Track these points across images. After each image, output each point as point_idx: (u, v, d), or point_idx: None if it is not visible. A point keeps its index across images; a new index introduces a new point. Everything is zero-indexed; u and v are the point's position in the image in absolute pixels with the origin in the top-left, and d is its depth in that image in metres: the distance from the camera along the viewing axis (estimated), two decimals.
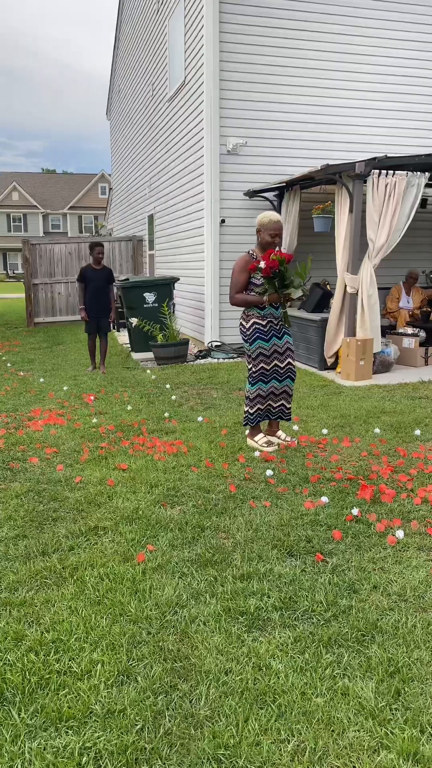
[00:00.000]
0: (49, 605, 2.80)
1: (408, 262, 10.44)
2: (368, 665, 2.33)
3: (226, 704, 2.16)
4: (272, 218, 4.66)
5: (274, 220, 4.65)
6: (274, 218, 4.66)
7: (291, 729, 2.05)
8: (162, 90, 12.65)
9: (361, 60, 9.90)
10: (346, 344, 7.39)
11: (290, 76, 9.61)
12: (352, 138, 10.02)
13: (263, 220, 4.69)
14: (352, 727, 2.05)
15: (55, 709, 2.16)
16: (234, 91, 9.41)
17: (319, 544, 3.30)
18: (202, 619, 2.64)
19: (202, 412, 6.07)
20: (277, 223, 4.66)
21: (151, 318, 9.70)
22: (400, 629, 2.54)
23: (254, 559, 3.14)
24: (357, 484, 4.13)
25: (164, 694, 2.23)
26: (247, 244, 9.77)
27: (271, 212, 4.73)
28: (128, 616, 2.69)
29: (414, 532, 3.44)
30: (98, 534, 3.51)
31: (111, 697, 2.21)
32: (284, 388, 4.88)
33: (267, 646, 2.45)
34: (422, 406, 6.17)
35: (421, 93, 10.29)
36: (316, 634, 2.52)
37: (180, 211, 11.43)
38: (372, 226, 7.52)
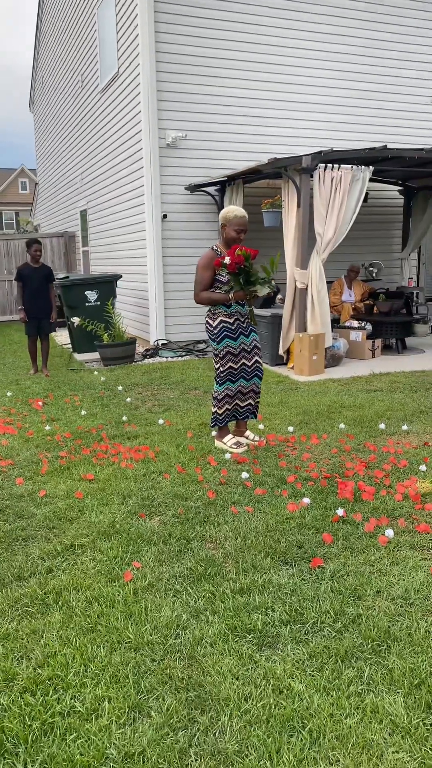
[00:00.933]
0: (37, 636, 2.57)
1: (348, 256, 10.55)
2: (391, 678, 2.24)
3: (253, 735, 2.01)
4: (237, 213, 4.52)
5: (240, 215, 4.52)
6: (239, 213, 4.52)
7: (328, 757, 1.93)
8: (92, 81, 12.25)
9: (303, 54, 9.89)
10: (298, 339, 7.36)
11: (230, 69, 9.49)
12: (295, 132, 10.01)
13: (228, 215, 4.55)
14: (391, 749, 1.95)
15: (66, 758, 1.96)
16: (172, 83, 9.19)
17: (311, 548, 3.20)
18: (207, 641, 2.48)
19: (162, 414, 5.88)
20: (243, 218, 4.53)
21: (93, 317, 9.38)
22: (413, 636, 2.47)
23: (249, 570, 3.01)
24: (334, 482, 4.06)
25: (184, 729, 2.06)
26: (191, 240, 9.61)
27: (235, 207, 4.59)
28: (127, 643, 2.49)
29: (403, 530, 3.40)
30: (76, 553, 3.28)
31: (126, 738, 2.03)
32: (252, 386, 4.76)
33: (283, 666, 2.32)
34: (380, 399, 6.20)
35: (363, 89, 10.40)
36: (330, 647, 2.41)
37: (118, 206, 11.12)
38: (320, 220, 7.52)
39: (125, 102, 10.11)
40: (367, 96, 10.46)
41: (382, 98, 10.58)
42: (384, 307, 9.10)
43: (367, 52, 10.32)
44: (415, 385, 6.86)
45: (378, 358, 8.58)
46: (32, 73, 19.88)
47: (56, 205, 17.78)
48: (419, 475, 4.19)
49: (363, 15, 10.20)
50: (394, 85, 10.64)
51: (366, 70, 10.37)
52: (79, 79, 13.42)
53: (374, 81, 10.46)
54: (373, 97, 10.50)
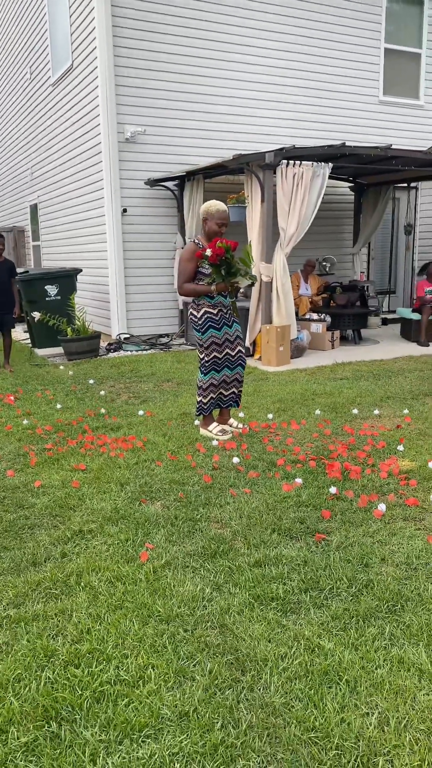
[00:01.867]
0: (67, 615, 2.66)
1: (303, 251, 10.84)
2: (411, 633, 2.45)
3: (296, 688, 2.18)
4: (219, 207, 4.66)
5: (221, 209, 4.66)
6: (221, 207, 4.66)
7: (367, 702, 2.11)
8: (43, 74, 12.10)
9: (262, 53, 10.06)
10: (266, 331, 7.56)
11: (189, 65, 9.58)
12: (254, 129, 10.20)
13: (210, 209, 4.68)
14: (422, 692, 2.15)
15: (123, 720, 2.07)
16: (130, 78, 9.22)
17: (312, 524, 3.39)
18: (234, 610, 2.63)
19: (140, 406, 5.96)
20: (224, 212, 4.67)
21: (54, 312, 9.31)
22: (423, 596, 2.69)
23: (259, 545, 3.17)
24: (321, 464, 4.27)
25: (229, 688, 2.20)
26: (151, 233, 9.68)
27: (216, 201, 4.73)
28: (158, 617, 2.61)
29: (393, 504, 3.63)
30: (86, 537, 3.36)
31: (176, 699, 2.15)
32: (235, 375, 4.92)
33: (310, 628, 2.49)
34: (348, 387, 6.47)
35: (319, 87, 10.67)
36: (350, 610, 2.60)
37: (73, 200, 11.05)
38: (283, 215, 7.73)
39: (81, 96, 10.05)
40: (322, 95, 10.75)
41: (336, 97, 10.90)
42: (341, 300, 9.42)
43: (322, 52, 10.61)
44: (378, 373, 7.18)
45: (337, 348, 8.89)
46: None
47: (3, 198, 17.42)
48: (398, 454, 4.45)
49: (318, 16, 10.47)
50: (346, 85, 10.98)
51: (321, 70, 10.66)
52: (28, 71, 13.21)
53: (329, 80, 10.77)
54: (326, 96, 10.80)
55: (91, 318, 10.39)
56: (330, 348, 8.81)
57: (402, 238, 12.71)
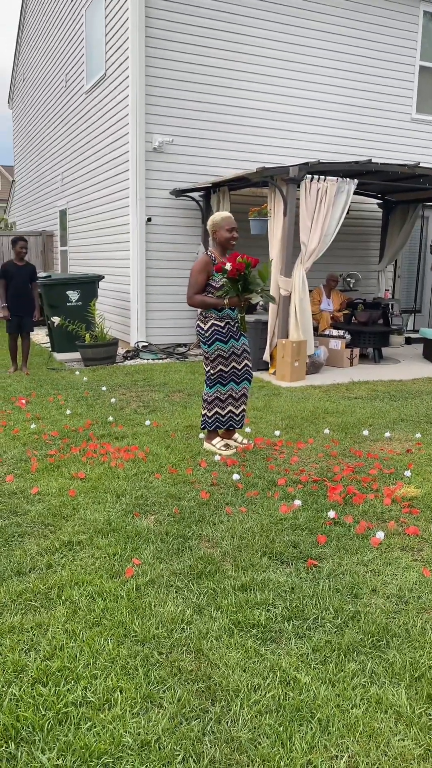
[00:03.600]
0: (43, 630, 2.60)
1: (326, 266, 10.75)
2: (393, 671, 2.34)
3: (265, 723, 2.09)
4: (223, 215, 4.65)
5: (225, 216, 4.64)
6: (224, 214, 4.65)
7: (338, 744, 2.01)
8: (77, 82, 12.25)
9: (292, 67, 10.06)
10: (281, 346, 7.48)
11: (219, 77, 9.60)
12: (281, 143, 10.18)
13: (215, 218, 4.66)
14: (397, 737, 2.04)
15: (82, 745, 2.00)
16: (161, 88, 9.27)
17: (306, 549, 3.29)
18: (213, 635, 2.55)
19: (148, 416, 5.92)
20: (230, 218, 4.64)
21: (74, 317, 9.37)
22: (410, 632, 2.58)
23: (248, 568, 3.08)
24: (323, 486, 4.17)
25: (196, 719, 2.12)
26: (174, 244, 9.69)
27: (218, 212, 4.73)
28: (134, 637, 2.54)
29: (393, 532, 3.52)
30: (74, 549, 3.31)
31: (140, 727, 2.08)
32: (242, 390, 4.85)
33: (288, 659, 2.40)
34: (361, 407, 6.35)
35: (348, 103, 10.62)
36: (332, 642, 2.50)
37: (100, 207, 11.13)
38: (305, 230, 7.66)
39: (112, 104, 10.14)
40: (352, 110, 10.69)
41: (367, 113, 10.82)
42: (362, 317, 9.29)
43: (354, 68, 10.56)
44: (394, 393, 7.04)
45: (356, 366, 8.76)
46: (12, 69, 19.72)
47: (34, 203, 17.66)
48: (404, 480, 4.32)
49: (352, 31, 10.43)
50: (378, 101, 10.90)
51: (351, 85, 10.60)
52: (64, 78, 13.40)
53: (358, 96, 10.70)
54: (357, 111, 10.74)
55: (110, 325, 10.43)
56: (348, 365, 8.68)
57: (429, 258, 12.52)
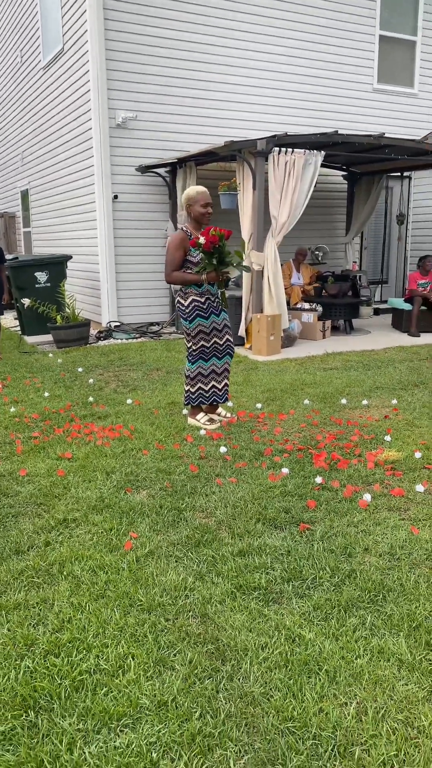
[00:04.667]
0: (48, 604, 2.64)
1: (295, 239, 10.79)
2: (391, 623, 2.45)
3: (276, 678, 2.17)
4: (198, 189, 4.63)
5: (201, 191, 4.62)
6: (200, 189, 4.63)
7: (346, 692, 2.11)
8: (33, 57, 11.94)
9: (256, 39, 9.96)
10: (256, 320, 7.53)
11: (182, 50, 9.46)
12: (247, 116, 10.11)
13: (190, 193, 4.64)
14: (400, 682, 2.15)
15: (101, 709, 2.06)
16: (122, 62, 9.10)
17: (297, 513, 3.39)
18: (216, 599, 2.62)
19: (128, 395, 5.93)
20: (205, 193, 4.63)
21: (43, 299, 9.26)
22: (405, 586, 2.69)
23: (243, 535, 3.16)
24: (308, 454, 4.26)
25: (209, 678, 2.20)
26: (142, 221, 9.61)
27: (194, 185, 4.70)
28: (139, 606, 2.60)
29: (378, 494, 3.64)
30: (70, 526, 3.34)
31: (155, 689, 2.15)
32: (224, 365, 4.90)
33: (291, 618, 2.49)
34: (337, 377, 6.46)
35: (312, 74, 10.58)
36: (332, 600, 2.60)
37: (64, 186, 10.94)
38: (274, 203, 7.68)
39: (72, 80, 9.93)
40: (316, 82, 10.66)
41: (330, 84, 10.81)
42: (333, 290, 9.40)
43: (316, 38, 10.51)
44: (367, 363, 7.17)
45: (328, 338, 8.88)
46: None
47: None
48: (385, 445, 4.45)
49: (313, 1, 10.36)
50: (340, 72, 10.89)
51: (314, 56, 10.56)
52: (18, 54, 13.03)
53: (322, 68, 10.67)
54: (320, 83, 10.71)
55: (81, 305, 10.33)
56: (321, 338, 8.79)
57: (395, 229, 12.67)
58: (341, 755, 1.87)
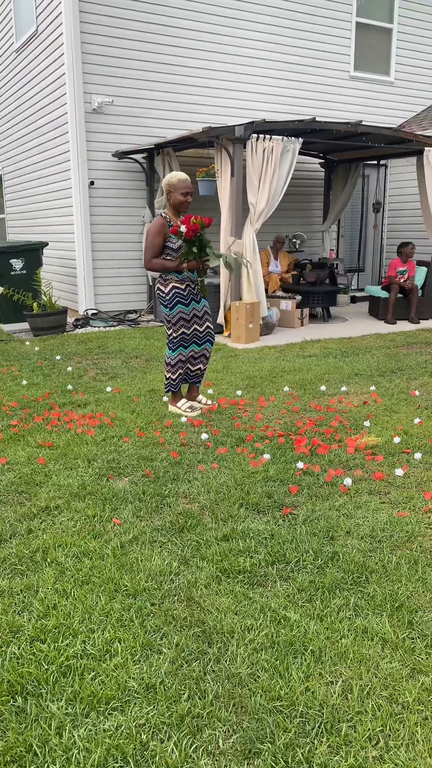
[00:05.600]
0: (33, 591, 2.63)
1: (272, 227, 10.79)
2: (374, 603, 2.49)
3: (262, 659, 2.20)
4: (180, 177, 4.59)
5: (183, 179, 4.59)
6: (182, 177, 4.59)
7: (332, 671, 2.14)
8: (5, 39, 11.70)
9: (233, 24, 9.88)
10: (235, 308, 7.54)
11: (160, 34, 9.36)
12: (225, 102, 10.05)
13: (171, 180, 4.60)
14: (384, 660, 2.19)
15: (89, 693, 2.07)
16: (98, 45, 8.97)
17: (280, 498, 3.41)
18: (201, 583, 2.64)
19: (108, 382, 5.90)
20: (186, 181, 4.60)
21: (19, 286, 9.13)
22: (387, 567, 2.74)
23: (227, 520, 3.18)
24: (289, 440, 4.29)
25: (196, 660, 2.21)
26: (119, 207, 9.52)
27: (176, 172, 4.66)
28: (125, 591, 2.61)
29: (359, 478, 3.68)
30: (52, 514, 3.33)
31: (143, 672, 2.16)
32: (203, 351, 4.90)
33: (276, 600, 2.51)
34: (316, 364, 6.51)
35: (290, 61, 10.53)
36: (316, 581, 2.63)
37: (39, 172, 10.78)
38: (252, 190, 7.67)
39: (46, 63, 9.76)
40: (293, 69, 10.63)
41: (306, 71, 10.78)
42: (311, 278, 9.43)
43: (294, 24, 10.47)
44: (345, 350, 7.23)
45: (306, 326, 8.92)
46: None
47: None
48: (364, 429, 4.49)
49: None
50: (317, 59, 10.87)
51: (292, 43, 10.52)
52: None
53: (299, 54, 10.64)
54: (297, 69, 10.69)
55: (58, 293, 10.22)
56: (299, 325, 8.83)
57: (371, 217, 12.74)
58: (328, 732, 1.91)
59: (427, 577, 2.67)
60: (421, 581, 2.63)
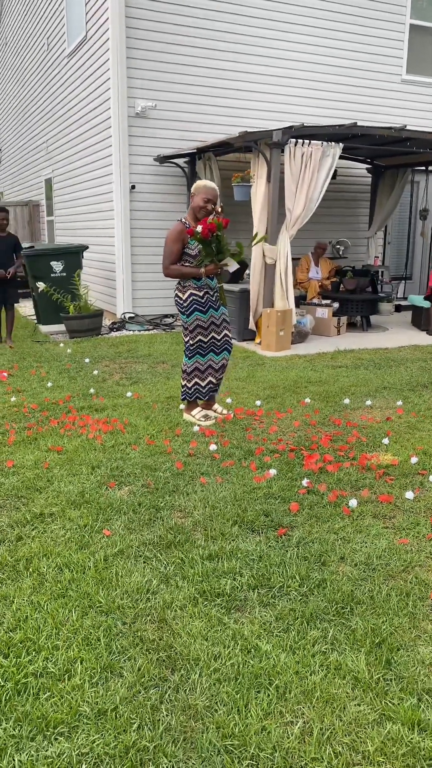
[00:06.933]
0: (8, 602, 2.60)
1: (315, 233, 10.60)
2: (354, 638, 2.35)
3: (223, 691, 2.09)
4: (207, 184, 4.54)
5: (210, 186, 4.53)
6: (210, 184, 4.54)
7: (293, 710, 2.02)
8: (59, 45, 11.91)
9: (276, 27, 9.77)
10: (266, 315, 7.41)
11: (203, 38, 9.32)
12: (266, 106, 9.94)
13: (199, 184, 4.58)
14: (352, 702, 2.05)
15: (39, 715, 2.01)
16: (143, 50, 9.01)
17: (277, 517, 3.29)
18: (177, 604, 2.55)
19: (130, 387, 5.88)
20: (213, 189, 4.53)
21: (59, 288, 9.24)
22: (375, 599, 2.58)
23: (218, 538, 3.08)
24: (300, 455, 4.15)
25: (155, 688, 2.12)
26: (159, 212, 9.53)
27: (208, 180, 4.61)
28: (98, 608, 2.54)
29: (366, 500, 3.51)
30: (45, 521, 3.30)
31: (98, 696, 2.08)
32: (222, 360, 4.81)
33: (251, 627, 2.40)
34: (345, 375, 6.32)
35: (334, 64, 10.34)
36: (296, 610, 2.50)
37: (84, 176, 10.92)
38: (289, 196, 7.53)
39: (93, 68, 9.87)
40: (339, 72, 10.42)
41: (354, 75, 10.56)
42: (350, 285, 9.20)
43: (339, 26, 10.27)
44: (379, 362, 7.00)
45: (343, 335, 8.70)
46: None
47: (20, 172, 17.34)
48: (381, 448, 4.31)
49: None
50: (366, 62, 10.62)
51: (338, 45, 10.32)
52: (45, 42, 13.02)
53: (346, 57, 10.43)
54: (343, 73, 10.47)
55: (96, 296, 10.32)
56: (335, 334, 8.62)
57: (419, 224, 12.36)
58: None
59: (416, 611, 2.50)
60: (410, 616, 2.47)
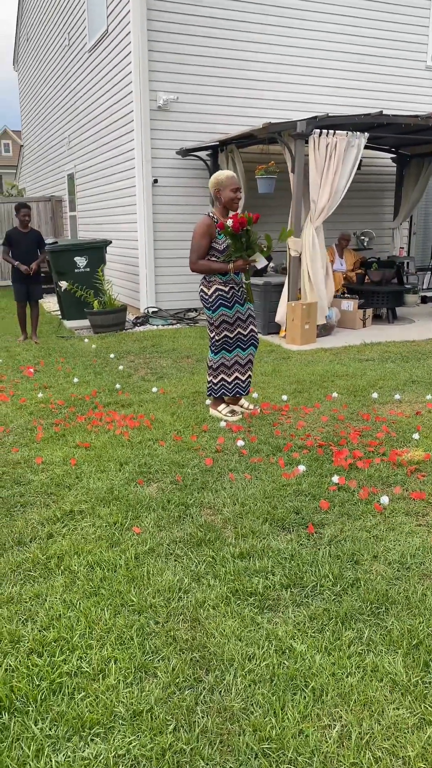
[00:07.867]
0: (41, 600, 2.61)
1: (339, 224, 10.48)
2: (390, 639, 2.31)
3: (258, 693, 2.07)
4: (227, 174, 4.47)
5: (230, 176, 4.47)
6: (229, 174, 4.47)
7: (331, 714, 1.99)
8: (80, 39, 11.90)
9: (298, 15, 9.66)
10: (291, 309, 7.34)
11: (223, 29, 9.25)
12: (289, 96, 9.84)
13: (219, 177, 4.49)
14: (391, 706, 2.01)
15: (75, 715, 2.00)
16: (164, 43, 8.96)
17: (308, 515, 3.25)
18: (210, 603, 2.53)
19: (155, 383, 5.87)
20: (233, 177, 4.48)
21: (82, 283, 9.27)
22: (411, 599, 2.54)
23: (248, 536, 3.05)
24: (329, 451, 4.11)
25: (190, 689, 2.11)
26: (182, 205, 9.49)
27: (221, 171, 4.55)
28: (131, 606, 2.54)
29: (397, 497, 3.46)
30: (75, 518, 3.30)
31: (133, 697, 2.08)
32: (248, 356, 4.77)
33: (284, 627, 2.37)
34: (372, 369, 6.24)
35: (358, 52, 10.20)
36: (330, 610, 2.47)
37: (106, 170, 10.92)
38: (314, 187, 7.44)
39: (115, 62, 9.85)
40: (362, 60, 10.27)
41: (377, 62, 10.40)
42: (376, 277, 9.09)
43: (362, 14, 10.10)
44: (407, 354, 6.90)
45: (369, 327, 8.60)
46: (16, 30, 19.25)
47: (43, 167, 17.42)
48: (412, 443, 4.24)
49: None
50: (390, 49, 10.45)
51: (361, 33, 10.16)
52: (66, 37, 13.03)
53: (369, 45, 10.27)
54: (368, 61, 10.32)
55: (120, 290, 10.33)
56: (361, 327, 8.53)
57: None
58: None
59: None
60: None
